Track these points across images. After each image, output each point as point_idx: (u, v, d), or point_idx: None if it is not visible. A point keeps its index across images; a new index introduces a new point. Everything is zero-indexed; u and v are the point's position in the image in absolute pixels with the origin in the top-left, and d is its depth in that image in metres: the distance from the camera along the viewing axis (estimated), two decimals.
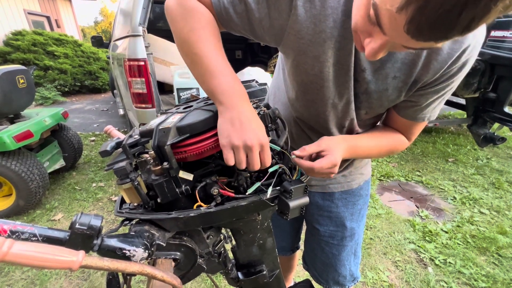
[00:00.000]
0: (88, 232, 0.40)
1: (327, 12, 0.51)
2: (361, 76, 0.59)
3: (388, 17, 0.35)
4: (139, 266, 0.44)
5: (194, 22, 0.55)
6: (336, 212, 0.89)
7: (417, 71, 0.55)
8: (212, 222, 0.54)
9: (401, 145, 0.72)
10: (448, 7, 0.29)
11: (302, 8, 0.52)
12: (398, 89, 0.59)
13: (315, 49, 0.56)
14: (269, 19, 0.56)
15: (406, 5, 0.31)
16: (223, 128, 0.48)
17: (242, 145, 0.47)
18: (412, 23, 0.32)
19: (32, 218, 2.22)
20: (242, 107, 0.50)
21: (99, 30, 32.94)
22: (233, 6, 0.57)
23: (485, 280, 1.63)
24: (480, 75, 2.74)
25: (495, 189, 2.61)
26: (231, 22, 0.60)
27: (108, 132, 0.76)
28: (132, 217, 0.51)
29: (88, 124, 4.87)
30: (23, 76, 2.32)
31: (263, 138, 0.49)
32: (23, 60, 6.35)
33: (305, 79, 0.63)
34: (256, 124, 0.50)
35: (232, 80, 0.52)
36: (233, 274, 0.72)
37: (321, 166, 0.57)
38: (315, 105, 0.68)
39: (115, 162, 0.50)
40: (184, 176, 0.49)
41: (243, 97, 0.52)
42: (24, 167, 2.10)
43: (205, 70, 0.53)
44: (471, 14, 0.28)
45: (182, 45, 0.57)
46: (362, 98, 0.63)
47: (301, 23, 0.53)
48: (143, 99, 2.09)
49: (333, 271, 0.95)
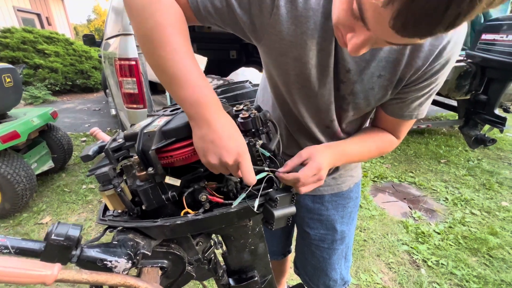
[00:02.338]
0: (65, 243, 0.37)
1: (309, 13, 0.51)
2: (346, 77, 0.59)
3: (373, 11, 0.34)
4: (121, 278, 0.41)
5: (158, 16, 0.46)
6: (326, 215, 0.88)
7: (401, 69, 0.55)
8: (201, 229, 0.52)
9: (391, 145, 0.72)
10: (435, 3, 0.29)
11: (284, 8, 0.51)
12: (384, 87, 0.59)
13: (296, 51, 0.55)
14: (249, 15, 0.54)
15: (393, 0, 0.30)
16: (198, 147, 0.47)
17: (219, 163, 0.47)
18: (398, 18, 0.32)
19: (18, 222, 2.15)
20: (214, 121, 0.46)
21: (92, 29, 32.50)
22: (211, 1, 0.52)
23: (476, 281, 1.64)
24: (472, 77, 2.79)
25: (485, 190, 2.65)
26: (209, 17, 0.55)
27: (94, 134, 0.73)
28: (115, 225, 0.49)
29: (79, 124, 4.78)
30: (9, 75, 2.25)
31: (239, 153, 0.46)
32: (12, 58, 6.20)
33: (286, 79, 0.62)
34: (230, 138, 0.47)
35: (201, 89, 0.47)
36: (224, 280, 0.70)
37: (305, 174, 0.55)
38: (297, 105, 0.67)
39: (98, 167, 0.47)
40: (170, 182, 0.47)
41: (214, 109, 0.47)
42: (10, 169, 2.04)
43: (171, 77, 0.47)
44: (457, 11, 0.28)
45: (144, 43, 0.49)
46: (349, 99, 0.63)
47: (282, 23, 0.52)
48: (134, 99, 2.05)
49: (324, 276, 0.94)
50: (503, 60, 2.48)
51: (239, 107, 0.61)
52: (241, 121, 0.55)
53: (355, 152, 0.68)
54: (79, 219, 2.22)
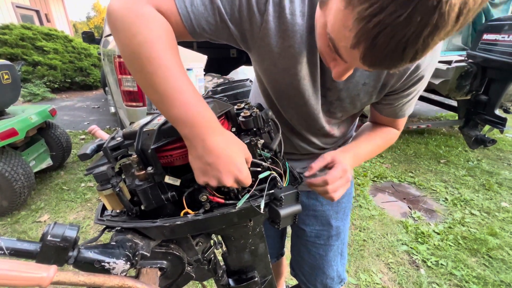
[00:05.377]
0: (62, 245, 0.36)
1: (295, 28, 0.53)
2: (333, 85, 0.62)
3: (345, 51, 0.39)
4: (119, 280, 0.40)
5: (147, 32, 0.44)
6: (321, 211, 0.90)
7: (384, 76, 0.59)
8: (201, 229, 0.51)
9: (395, 136, 0.79)
10: (392, 47, 0.33)
11: (272, 23, 0.53)
12: (369, 93, 0.63)
13: (285, 62, 0.58)
14: (240, 29, 0.55)
15: (357, 45, 0.35)
16: (195, 168, 0.46)
17: (217, 184, 0.46)
18: (365, 59, 0.37)
19: (16, 220, 2.14)
20: (210, 142, 0.44)
21: (91, 26, 32.36)
22: (205, 18, 0.52)
23: (476, 282, 1.64)
24: (472, 77, 2.78)
25: (485, 190, 2.64)
26: (204, 33, 0.55)
27: (93, 132, 0.72)
28: (113, 225, 0.47)
29: (78, 122, 4.76)
30: (7, 72, 2.23)
31: (237, 173, 0.46)
32: (10, 55, 6.16)
33: (276, 87, 0.66)
34: (228, 158, 0.45)
35: (194, 107, 0.44)
36: (224, 281, 0.69)
37: (334, 175, 0.58)
38: (286, 111, 0.71)
39: (96, 166, 0.46)
40: (170, 182, 0.46)
41: (209, 127, 0.44)
42: (8, 166, 2.02)
43: (162, 96, 0.44)
44: (413, 50, 0.33)
45: (132, 61, 0.46)
46: (337, 104, 0.67)
47: (271, 36, 0.55)
48: (133, 97, 2.04)
49: (321, 274, 0.95)
50: (504, 60, 2.47)
51: (240, 106, 0.60)
52: (242, 119, 0.54)
53: (367, 151, 0.74)
54: (77, 217, 2.21)
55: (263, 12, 0.52)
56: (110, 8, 0.47)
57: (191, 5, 0.50)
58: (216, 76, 2.91)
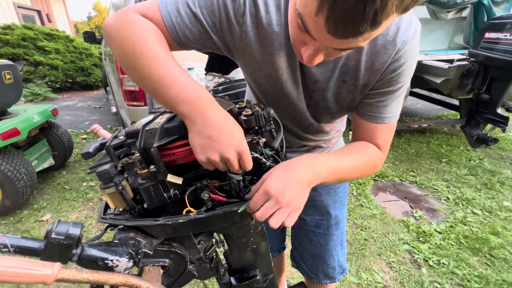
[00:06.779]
0: (66, 242, 0.37)
1: (273, 36, 0.56)
2: (316, 87, 0.64)
3: (312, 22, 0.40)
4: (123, 277, 0.41)
5: (140, 34, 0.49)
6: (320, 201, 0.92)
7: (363, 74, 0.60)
8: (203, 228, 0.52)
9: (375, 157, 0.65)
10: (353, 4, 0.34)
11: (251, 33, 0.56)
12: (350, 91, 0.64)
13: (267, 68, 0.61)
14: (223, 39, 0.59)
15: (321, 7, 0.36)
16: (195, 145, 0.45)
17: (219, 159, 0.45)
18: (329, 22, 0.37)
19: (19, 219, 2.15)
20: (209, 115, 0.45)
21: (92, 26, 32.42)
22: (189, 29, 0.55)
23: (478, 281, 1.64)
24: (474, 76, 2.76)
25: (487, 189, 2.64)
26: (190, 43, 0.58)
27: (95, 131, 0.72)
28: (116, 223, 0.48)
29: (79, 121, 4.77)
30: (9, 72, 2.24)
31: (239, 145, 0.45)
32: (12, 55, 6.18)
33: (263, 88, 0.68)
34: (228, 131, 0.45)
35: (190, 86, 0.46)
36: (225, 279, 0.69)
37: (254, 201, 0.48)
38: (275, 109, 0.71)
39: (99, 164, 0.47)
40: (172, 180, 0.46)
41: (206, 102, 0.46)
42: (11, 166, 2.03)
43: (158, 81, 0.47)
44: (373, 8, 0.34)
45: (127, 59, 0.49)
46: (323, 105, 0.68)
47: (252, 45, 0.58)
48: (135, 96, 2.04)
49: (323, 263, 0.96)
50: (506, 59, 2.46)
51: (242, 105, 0.60)
52: (244, 118, 0.54)
53: (339, 163, 0.59)
54: (79, 216, 2.22)
55: (241, 24, 0.55)
56: (104, 25, 0.53)
57: (176, 17, 0.54)
58: (217, 76, 2.91)
